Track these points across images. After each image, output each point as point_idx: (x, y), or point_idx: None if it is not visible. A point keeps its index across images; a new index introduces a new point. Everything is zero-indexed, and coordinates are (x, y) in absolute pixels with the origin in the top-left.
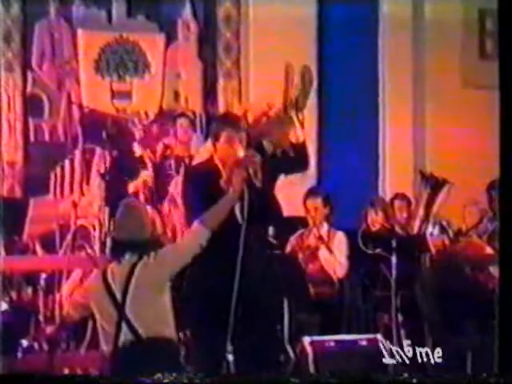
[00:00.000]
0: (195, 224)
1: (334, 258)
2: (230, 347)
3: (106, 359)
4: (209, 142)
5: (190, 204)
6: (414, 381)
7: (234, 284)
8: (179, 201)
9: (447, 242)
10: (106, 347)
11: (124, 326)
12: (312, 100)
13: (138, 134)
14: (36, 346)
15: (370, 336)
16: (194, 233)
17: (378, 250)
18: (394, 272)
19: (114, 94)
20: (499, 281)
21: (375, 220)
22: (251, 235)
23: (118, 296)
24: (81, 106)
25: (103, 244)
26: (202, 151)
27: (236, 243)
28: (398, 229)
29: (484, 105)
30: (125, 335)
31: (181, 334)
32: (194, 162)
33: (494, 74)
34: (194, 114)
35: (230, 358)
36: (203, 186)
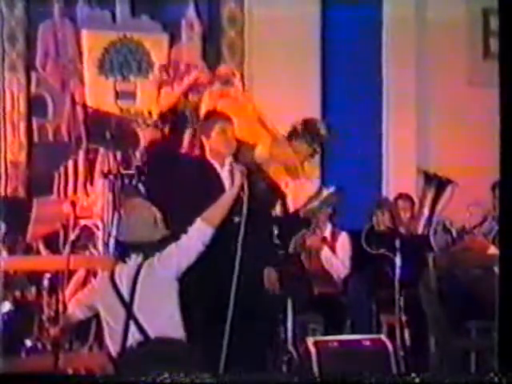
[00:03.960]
0: (198, 222)
1: (338, 258)
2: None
3: (112, 359)
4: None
5: (188, 201)
6: (418, 381)
7: (233, 283)
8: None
9: (451, 241)
10: (113, 347)
11: (132, 326)
12: (314, 98)
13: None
14: (39, 345)
15: (374, 336)
16: (197, 231)
17: (381, 250)
18: (397, 272)
19: (117, 94)
20: (499, 281)
21: (382, 221)
22: (253, 234)
23: (126, 296)
24: (85, 106)
25: (107, 244)
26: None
27: (237, 241)
28: (401, 229)
29: (488, 104)
30: (133, 335)
31: (187, 334)
32: (186, 161)
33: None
34: None
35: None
36: (200, 183)
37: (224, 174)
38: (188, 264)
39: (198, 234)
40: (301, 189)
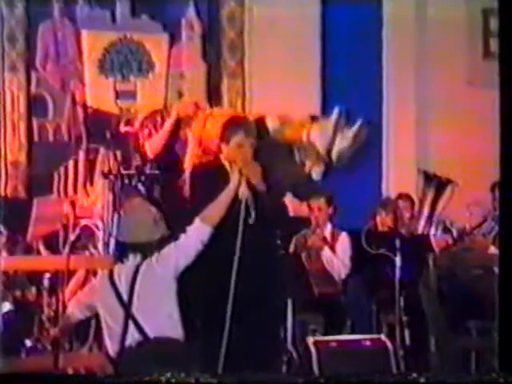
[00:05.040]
0: (196, 221)
1: (338, 258)
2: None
3: (111, 359)
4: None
5: (198, 204)
6: (422, 381)
7: (231, 283)
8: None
9: (451, 241)
10: (112, 347)
11: (131, 326)
12: (315, 98)
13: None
14: (39, 345)
15: (374, 336)
16: (196, 230)
17: (381, 250)
18: (397, 272)
19: (118, 94)
20: (499, 281)
21: (384, 221)
22: (253, 234)
23: (125, 296)
24: (85, 106)
25: (107, 244)
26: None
27: (236, 240)
28: (401, 229)
29: (488, 104)
30: (131, 335)
31: (186, 334)
32: (199, 162)
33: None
34: None
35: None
36: (212, 186)
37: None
38: (187, 263)
39: (197, 233)
40: (324, 133)
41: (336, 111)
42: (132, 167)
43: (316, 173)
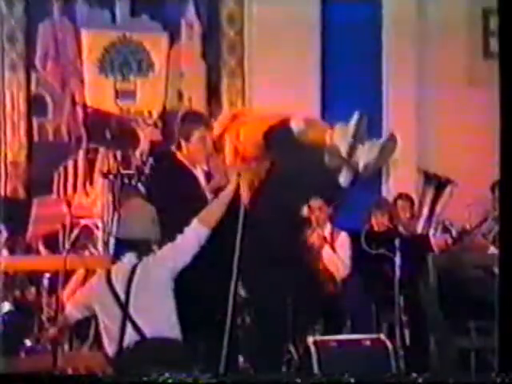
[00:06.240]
0: (194, 222)
1: (338, 257)
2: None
3: (110, 359)
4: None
5: (164, 203)
6: (420, 381)
7: (231, 283)
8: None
9: (450, 241)
10: (110, 347)
11: (129, 326)
12: (314, 98)
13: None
14: (39, 345)
15: (374, 336)
16: (193, 231)
17: (381, 250)
18: (397, 272)
19: (117, 94)
20: (499, 281)
21: (380, 221)
22: (253, 234)
23: (122, 296)
24: (85, 106)
25: (106, 244)
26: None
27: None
28: (401, 229)
29: (488, 104)
30: (129, 335)
31: (183, 334)
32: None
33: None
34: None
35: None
36: (173, 185)
37: (199, 174)
38: (184, 264)
39: (194, 234)
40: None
41: (356, 116)
42: (132, 167)
43: (344, 179)
